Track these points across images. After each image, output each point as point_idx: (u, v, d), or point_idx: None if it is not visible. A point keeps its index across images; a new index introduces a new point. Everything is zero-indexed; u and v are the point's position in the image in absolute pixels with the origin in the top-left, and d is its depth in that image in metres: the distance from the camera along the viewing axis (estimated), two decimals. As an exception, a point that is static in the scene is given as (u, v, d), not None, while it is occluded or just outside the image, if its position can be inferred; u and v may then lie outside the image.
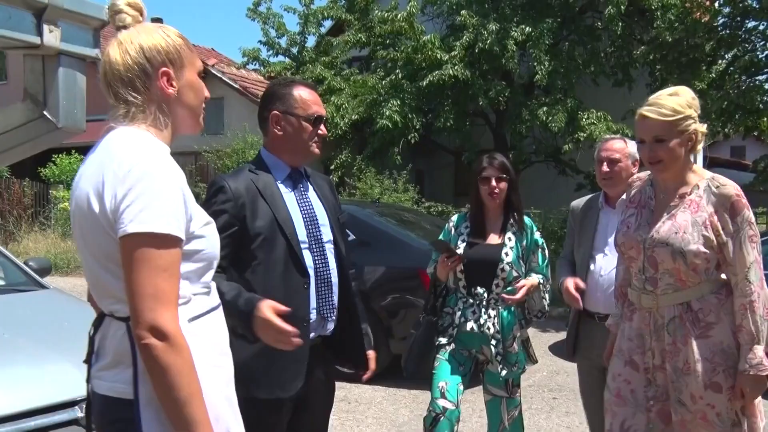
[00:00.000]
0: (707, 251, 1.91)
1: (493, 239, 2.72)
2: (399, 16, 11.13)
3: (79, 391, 2.43)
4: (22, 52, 1.74)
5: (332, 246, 2.01)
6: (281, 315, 1.68)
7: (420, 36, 11.00)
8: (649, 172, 2.11)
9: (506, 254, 2.67)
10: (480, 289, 2.68)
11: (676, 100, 1.92)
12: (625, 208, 2.14)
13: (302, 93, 1.98)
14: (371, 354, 2.10)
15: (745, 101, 9.34)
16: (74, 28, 1.75)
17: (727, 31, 9.68)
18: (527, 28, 10.43)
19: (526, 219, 2.79)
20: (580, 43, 11.27)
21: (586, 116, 10.30)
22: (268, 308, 1.68)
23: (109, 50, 1.31)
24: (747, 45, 9.75)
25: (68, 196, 12.73)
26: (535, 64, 10.34)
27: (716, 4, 9.69)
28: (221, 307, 1.37)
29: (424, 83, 10.74)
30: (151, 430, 1.19)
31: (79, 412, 2.37)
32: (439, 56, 10.70)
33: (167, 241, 1.16)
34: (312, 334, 1.93)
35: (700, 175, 1.98)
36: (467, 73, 10.65)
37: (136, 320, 1.15)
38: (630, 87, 10.99)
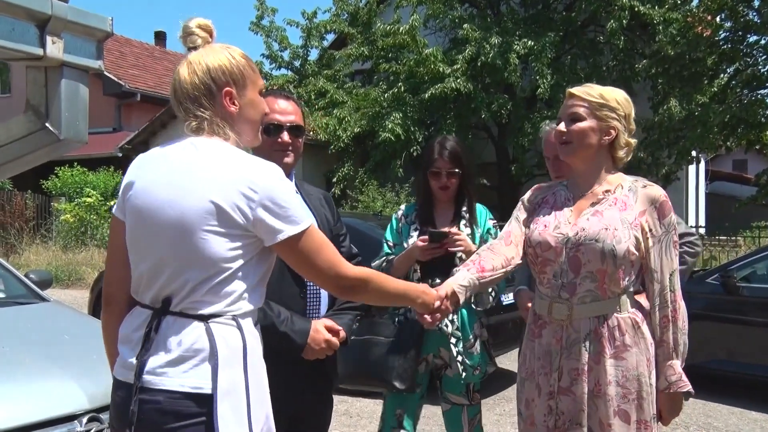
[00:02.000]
0: (636, 252, 1.77)
1: (445, 228, 2.48)
2: (401, 29, 11.22)
3: (79, 405, 2.40)
4: (24, 64, 1.74)
5: None
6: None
7: (422, 49, 11.07)
8: (552, 182, 2.02)
9: None
10: (438, 280, 2.37)
11: (608, 90, 1.85)
12: (533, 209, 1.96)
13: (268, 102, 1.91)
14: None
15: (747, 115, 9.36)
16: (78, 39, 1.74)
17: (729, 46, 9.74)
18: (529, 42, 10.50)
19: (480, 207, 2.61)
20: (582, 57, 11.34)
21: (588, 129, 10.31)
22: (322, 326, 1.86)
23: (179, 69, 1.42)
24: (749, 59, 9.80)
25: (70, 208, 12.87)
26: (538, 77, 10.39)
27: (717, 19, 9.76)
28: None
29: (427, 96, 10.79)
30: (226, 422, 1.28)
31: (78, 427, 2.34)
32: (441, 69, 10.76)
33: (312, 227, 1.40)
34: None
35: (622, 178, 1.89)
36: (470, 87, 10.69)
37: (332, 287, 1.46)
38: (632, 101, 11.02)
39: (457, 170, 2.48)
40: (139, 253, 1.39)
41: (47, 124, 1.76)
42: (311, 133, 11.97)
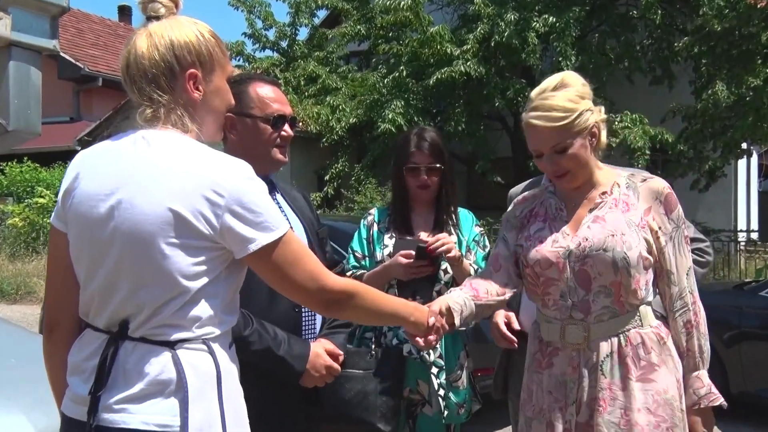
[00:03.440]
0: (649, 257, 1.79)
1: (425, 236, 2.42)
2: (403, 4, 11.24)
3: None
4: (-34, 44, 1.74)
5: None
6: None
7: (427, 27, 11.10)
8: (536, 189, 2.01)
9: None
10: (419, 300, 2.30)
11: (565, 96, 1.79)
12: (521, 225, 1.94)
13: (260, 90, 1.96)
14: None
15: (809, 100, 9.32)
16: (28, 15, 1.75)
17: (788, 19, 9.68)
18: (551, 18, 10.52)
19: (465, 211, 2.57)
20: (612, 35, 11.36)
21: (619, 119, 10.34)
22: (323, 349, 1.89)
23: (136, 40, 1.37)
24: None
25: (19, 210, 12.88)
26: (560, 59, 10.41)
27: (774, -13, 9.71)
28: None
29: (432, 81, 10.82)
30: None
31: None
32: (449, 51, 10.78)
33: (289, 234, 1.38)
34: None
35: (614, 173, 1.89)
36: (481, 70, 10.72)
37: (314, 303, 1.45)
38: (671, 85, 11.05)
39: (438, 165, 2.43)
40: (87, 270, 1.36)
41: (-7, 114, 1.76)
42: (300, 124, 11.99)
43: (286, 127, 1.97)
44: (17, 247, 12.64)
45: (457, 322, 1.79)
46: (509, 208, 2.02)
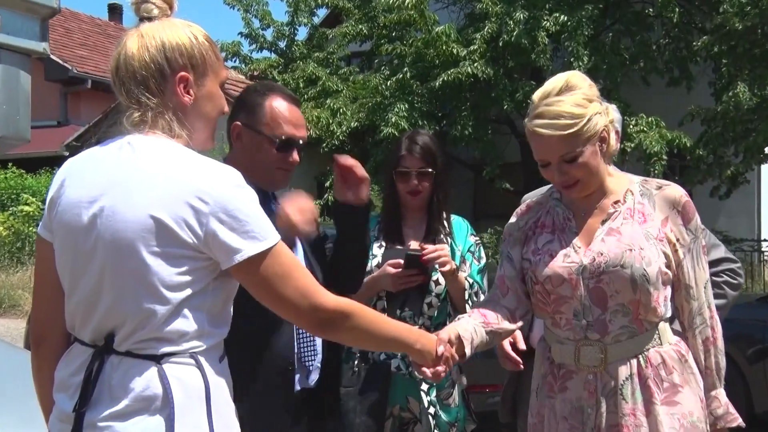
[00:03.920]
0: (668, 271, 1.76)
1: (415, 245, 2.41)
2: (407, 2, 11.25)
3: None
4: (-47, 46, 1.75)
5: None
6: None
7: (432, 27, 11.13)
8: (541, 194, 1.97)
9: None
10: (408, 312, 2.40)
11: (572, 100, 1.72)
12: (526, 238, 1.89)
13: (276, 106, 1.94)
14: None
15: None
16: (17, 17, 1.75)
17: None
18: (562, 17, 10.54)
19: (459, 219, 2.56)
20: (626, 34, 11.37)
21: (634, 122, 10.33)
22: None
23: (126, 41, 1.39)
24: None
25: (3, 218, 12.87)
26: (572, 59, 10.41)
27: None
28: None
29: (438, 84, 10.83)
30: None
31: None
32: (455, 51, 10.80)
33: (279, 246, 1.37)
34: (297, 386, 1.94)
35: (626, 180, 1.86)
36: (489, 72, 10.73)
37: (305, 321, 1.43)
38: (689, 86, 11.04)
39: (429, 170, 2.42)
40: (70, 281, 1.37)
41: (-21, 120, 1.77)
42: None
43: (293, 152, 1.95)
44: (1, 258, 12.64)
45: (468, 351, 1.74)
46: (511, 220, 1.98)
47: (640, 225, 1.77)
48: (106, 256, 1.31)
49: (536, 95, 1.78)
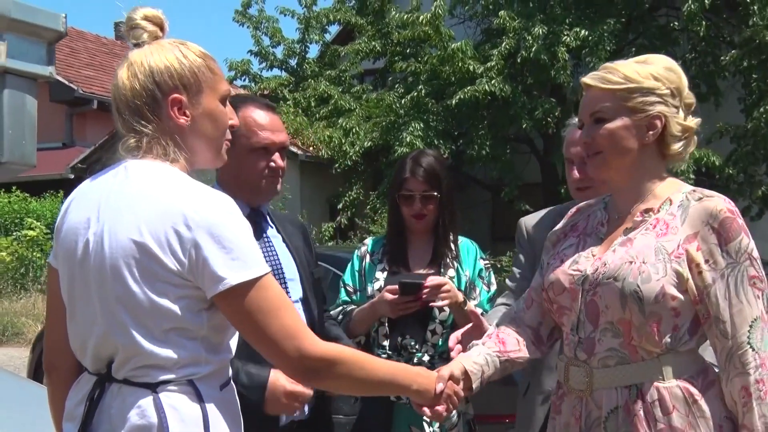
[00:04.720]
0: (679, 295, 1.54)
1: (420, 270, 2.42)
2: (422, 18, 11.37)
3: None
4: (-41, 71, 1.80)
5: (301, 306, 2.06)
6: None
7: (448, 43, 11.19)
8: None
9: None
10: (410, 340, 2.39)
11: (636, 67, 1.61)
12: (557, 240, 1.81)
13: (251, 115, 1.99)
14: None
15: None
16: (24, 41, 1.81)
17: None
18: (583, 32, 10.57)
19: (467, 242, 2.55)
20: (650, 49, 11.34)
21: (660, 140, 10.30)
22: (281, 374, 1.81)
23: (118, 71, 1.43)
24: None
25: (6, 244, 12.97)
26: (594, 75, 10.42)
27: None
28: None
29: (454, 102, 10.87)
30: None
31: None
32: (471, 68, 10.85)
33: (267, 279, 1.34)
34: (283, 418, 1.95)
35: (675, 188, 1.67)
36: (507, 89, 10.76)
37: (288, 365, 1.38)
38: (717, 102, 11.00)
39: (434, 193, 2.42)
40: (71, 308, 1.41)
41: (-14, 145, 1.81)
42: (311, 148, 12.08)
43: (276, 157, 1.99)
44: (4, 285, 12.72)
45: (475, 386, 1.68)
46: (560, 223, 1.86)
47: (656, 237, 1.60)
48: (96, 282, 1.34)
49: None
